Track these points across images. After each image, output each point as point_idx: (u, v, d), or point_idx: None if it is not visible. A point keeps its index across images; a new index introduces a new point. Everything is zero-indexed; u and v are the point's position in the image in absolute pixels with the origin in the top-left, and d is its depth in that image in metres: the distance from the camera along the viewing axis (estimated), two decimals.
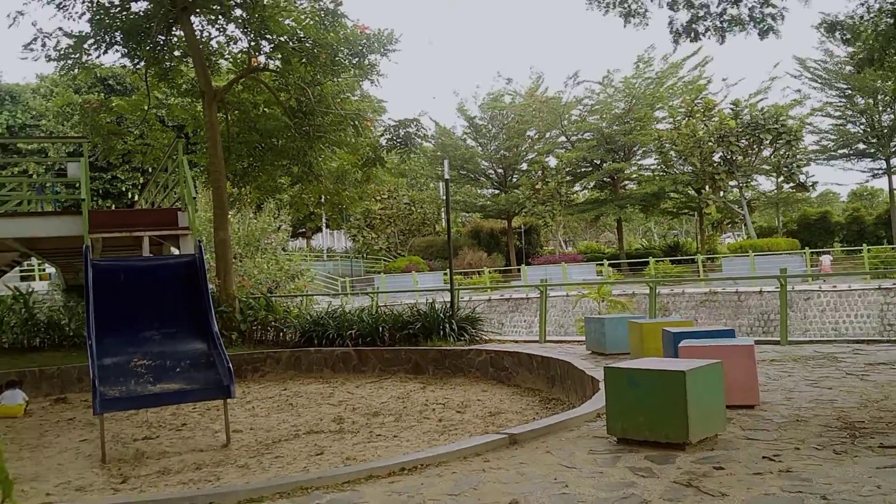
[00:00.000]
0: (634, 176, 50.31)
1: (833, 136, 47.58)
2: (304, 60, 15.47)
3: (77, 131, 19.16)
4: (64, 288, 20.30)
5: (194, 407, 10.03)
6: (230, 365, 8.09)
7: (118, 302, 8.72)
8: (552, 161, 50.19)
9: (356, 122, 17.33)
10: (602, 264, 38.90)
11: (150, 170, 23.33)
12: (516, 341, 13.77)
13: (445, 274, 32.13)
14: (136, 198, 35.11)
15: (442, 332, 13.11)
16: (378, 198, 48.91)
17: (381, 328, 13.41)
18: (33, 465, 7.30)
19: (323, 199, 20.70)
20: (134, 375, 8.10)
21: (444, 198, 14.93)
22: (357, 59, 16.08)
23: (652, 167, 50.03)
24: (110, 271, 9.05)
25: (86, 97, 22.49)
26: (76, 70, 16.48)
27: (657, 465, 5.02)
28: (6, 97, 40.37)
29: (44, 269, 30.31)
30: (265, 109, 17.80)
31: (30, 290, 17.93)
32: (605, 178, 49.34)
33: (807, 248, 35.71)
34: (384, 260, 50.73)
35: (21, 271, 29.40)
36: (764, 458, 5.05)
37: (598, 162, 49.04)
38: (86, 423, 9.62)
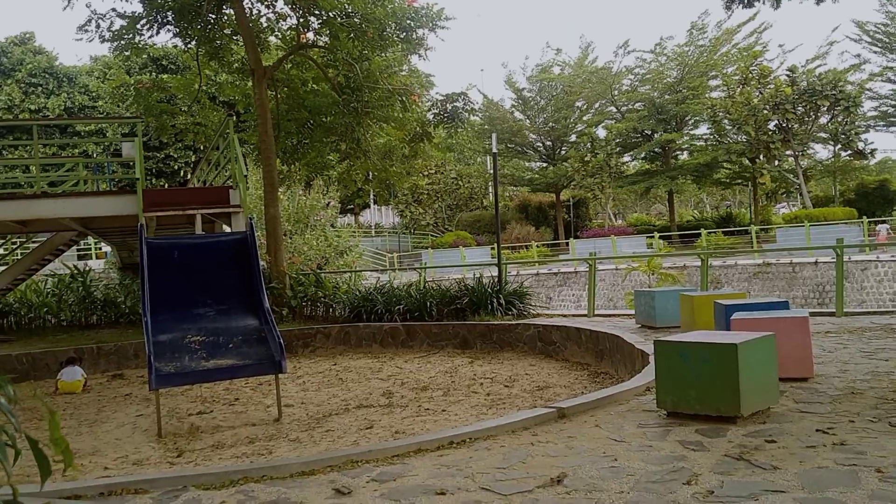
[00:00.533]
0: (686, 146, 49.46)
1: (893, 102, 46.04)
2: (352, 36, 15.49)
3: (131, 112, 19.50)
4: (119, 266, 20.81)
5: (247, 382, 10.22)
6: (281, 340, 8.22)
7: (172, 279, 8.90)
8: (601, 132, 49.55)
9: (403, 98, 17.33)
10: (652, 237, 38.43)
11: (202, 148, 23.70)
12: (564, 315, 13.72)
13: (493, 248, 32.06)
14: (189, 176, 35.73)
15: (489, 307, 13.12)
16: (425, 173, 48.94)
17: (428, 303, 13.47)
18: (92, 439, 7.53)
19: (370, 176, 20.80)
20: (188, 351, 8.28)
21: (492, 172, 14.86)
22: (405, 34, 16.04)
23: (704, 137, 49.05)
24: (164, 249, 9.23)
25: (139, 78, 22.84)
26: (129, 51, 16.78)
27: (708, 438, 4.97)
28: (63, 79, 41.24)
29: (100, 248, 31.08)
30: (314, 86, 17.91)
31: (87, 268, 18.45)
32: (655, 149, 48.61)
33: (864, 217, 34.74)
34: (431, 235, 50.86)
35: (78, 250, 30.20)
36: (817, 431, 4.96)
37: (649, 132, 48.30)
38: (142, 398, 9.88)
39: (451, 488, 4.23)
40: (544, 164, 52.55)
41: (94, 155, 34.79)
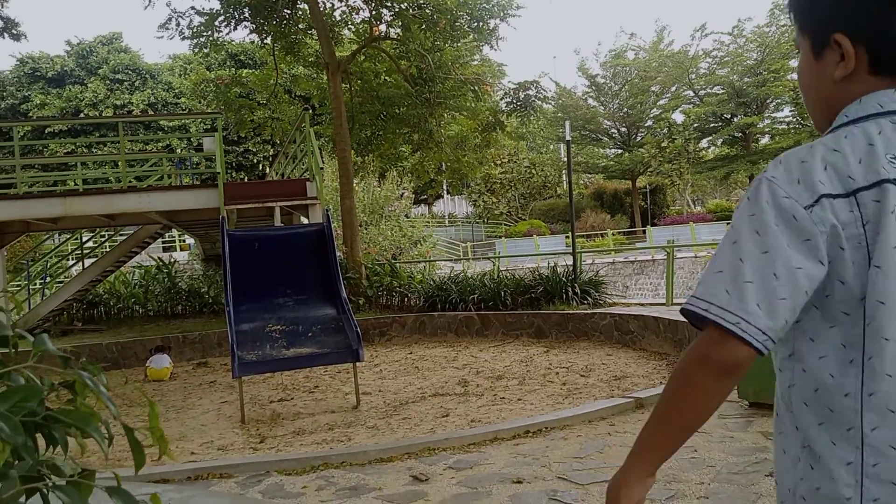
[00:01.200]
0: (768, 130, 47.94)
1: None
2: (424, 27, 15.55)
3: (211, 107, 20.05)
4: (202, 257, 21.43)
5: (325, 370, 10.42)
6: (359, 329, 8.35)
7: (253, 270, 9.14)
8: (678, 117, 48.44)
9: (475, 87, 17.32)
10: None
11: (279, 142, 24.19)
12: (642, 304, 13.52)
13: (567, 237, 31.77)
14: (267, 169, 36.51)
15: (564, 296, 13.03)
16: (498, 162, 48.74)
17: (503, 292, 13.45)
18: (179, 425, 7.80)
19: (443, 166, 20.86)
20: (269, 340, 8.50)
21: (565, 159, 14.74)
22: (476, 24, 16.02)
23: (787, 120, 47.46)
24: (245, 241, 9.47)
25: (218, 73, 23.44)
26: (208, 47, 17.23)
27: None
28: (146, 76, 42.61)
29: (184, 240, 32.04)
30: (386, 78, 18.05)
31: (171, 260, 19.06)
32: (735, 133, 47.25)
33: None
34: (505, 224, 50.68)
35: (163, 242, 31.20)
36: None
37: (729, 116, 46.99)
38: (226, 385, 10.18)
39: (528, 477, 4.24)
40: (619, 151, 51.69)
41: (178, 150, 35.89)
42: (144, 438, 1.18)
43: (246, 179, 37.74)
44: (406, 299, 14.87)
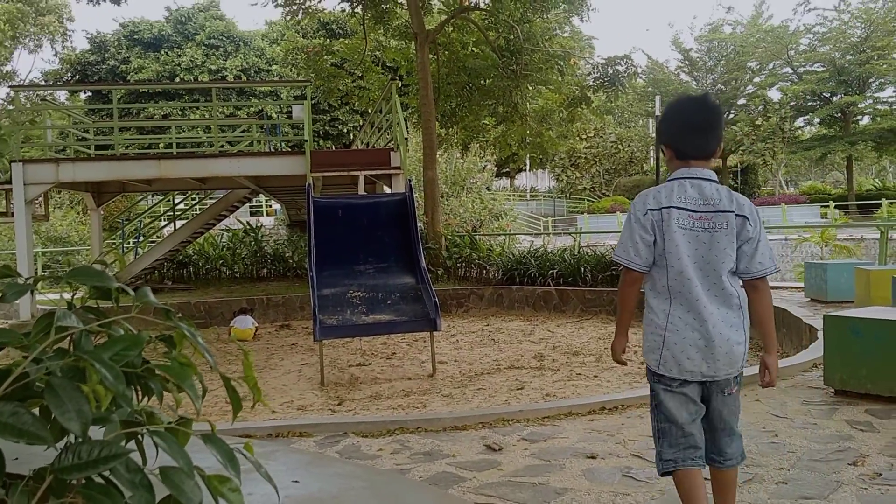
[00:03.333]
0: (869, 110, 45.75)
1: None
2: None
3: (301, 75, 20.37)
4: (288, 223, 21.95)
5: (403, 338, 10.57)
6: (436, 299, 8.43)
7: (336, 237, 9.31)
8: (775, 95, 46.67)
9: (562, 62, 17.09)
10: (827, 206, 36.07)
11: (366, 111, 24.43)
12: None
13: None
14: (354, 138, 36.94)
15: None
16: (583, 136, 48.05)
17: (582, 268, 13.34)
18: (261, 384, 8.01)
19: (527, 140, 20.72)
20: (349, 306, 8.67)
21: (654, 135, 14.41)
22: None
23: (890, 100, 45.19)
24: (329, 208, 9.65)
25: (310, 42, 23.78)
26: (300, 15, 17.47)
27: (878, 419, 4.68)
28: (240, 42, 43.54)
29: (270, 205, 32.81)
30: (473, 49, 17.99)
31: (258, 224, 19.56)
32: (834, 113, 45.27)
33: None
34: (588, 200, 50.08)
35: (250, 207, 32.01)
36: None
37: (828, 95, 45.03)
38: (307, 348, 10.44)
39: (602, 453, 4.24)
40: None
41: (268, 116, 36.63)
42: (239, 388, 1.24)
43: (332, 148, 38.30)
44: (484, 272, 14.90)
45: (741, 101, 48.48)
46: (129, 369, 1.13)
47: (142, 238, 19.98)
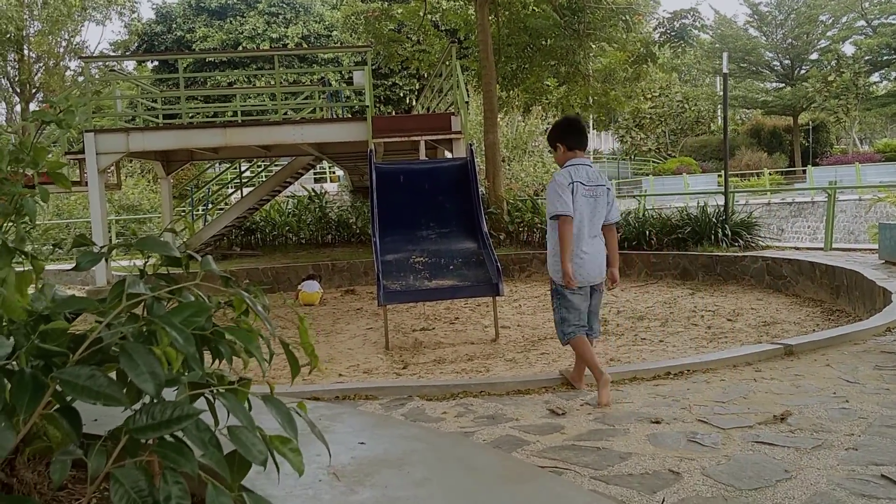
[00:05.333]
0: None
1: None
2: None
3: (361, 40, 20.39)
4: (351, 189, 22.13)
5: (466, 302, 10.62)
6: (499, 264, 8.43)
7: (398, 203, 9.36)
8: (848, 49, 44.83)
9: (627, 17, 16.69)
10: None
11: (425, 75, 24.35)
12: (797, 248, 12.86)
13: (720, 176, 30.41)
14: (414, 103, 36.89)
15: (713, 237, 12.58)
16: (648, 96, 46.99)
17: (647, 231, 13.15)
18: (328, 348, 8.21)
19: (590, 100, 20.37)
20: (412, 271, 8.74)
21: (722, 94, 14.02)
22: None
23: None
24: (391, 174, 9.69)
25: (369, 6, 23.76)
26: None
27: None
28: (300, 9, 43.70)
29: (334, 172, 33.10)
30: (534, 8, 17.69)
31: (322, 191, 19.78)
32: None
33: None
34: (653, 161, 49.12)
35: (314, 174, 32.34)
36: None
37: None
38: (371, 313, 10.57)
39: (667, 418, 4.20)
40: (781, 85, 48.61)
41: (329, 83, 36.83)
42: (297, 353, 1.26)
43: (393, 113, 38.34)
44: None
45: (813, 57, 46.75)
46: (199, 332, 1.17)
47: (210, 205, 20.43)
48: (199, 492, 1.22)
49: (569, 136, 5.03)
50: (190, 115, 17.43)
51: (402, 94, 40.42)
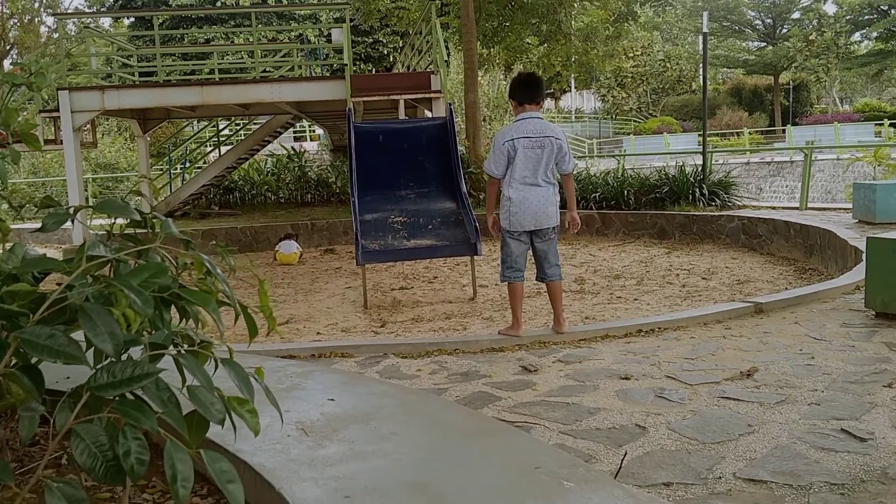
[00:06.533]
0: None
1: None
2: None
3: None
4: (331, 148, 22.00)
5: (444, 262, 10.67)
6: (477, 224, 8.46)
7: (377, 162, 9.33)
8: (830, 8, 44.79)
9: None
10: (882, 124, 34.88)
11: (407, 32, 24.08)
12: (773, 208, 12.99)
13: (700, 135, 30.51)
14: (395, 61, 36.50)
15: (691, 197, 12.67)
16: (630, 55, 46.77)
17: (626, 191, 13.21)
18: (306, 307, 8.25)
19: (571, 59, 20.27)
20: (391, 231, 8.75)
21: (702, 53, 14.00)
22: None
23: None
24: (370, 133, 9.63)
25: None
26: None
27: None
28: None
29: (314, 131, 32.84)
30: None
31: (302, 149, 19.64)
32: (892, 27, 43.33)
33: None
34: (634, 121, 49.08)
35: (294, 132, 32.07)
36: None
37: (885, 8, 43.01)
38: (350, 272, 10.60)
39: (636, 374, 4.29)
40: (762, 44, 48.55)
41: (308, 41, 36.31)
42: (259, 315, 1.29)
43: (374, 71, 37.93)
44: None
45: (795, 16, 46.66)
46: (160, 294, 1.20)
47: (188, 164, 20.26)
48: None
49: (518, 92, 5.33)
50: (166, 72, 17.19)
51: (385, 52, 39.95)
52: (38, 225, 1.56)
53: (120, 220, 1.52)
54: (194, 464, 1.13)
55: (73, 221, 1.46)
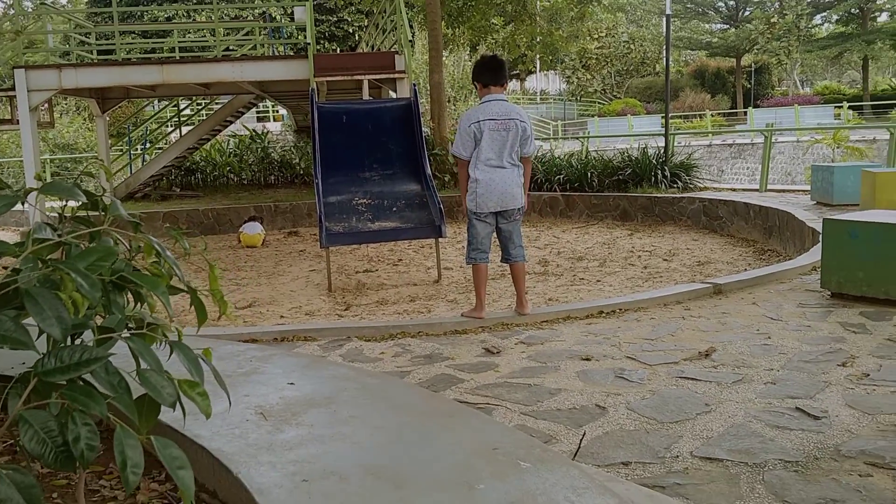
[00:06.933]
0: (888, 7, 44.38)
1: None
2: None
3: None
4: (295, 129, 21.77)
5: (409, 244, 10.66)
6: (441, 206, 8.46)
7: (341, 143, 9.26)
8: None
9: None
10: (841, 107, 35.45)
11: (372, 11, 23.87)
12: (734, 189, 13.16)
13: (663, 117, 30.75)
14: (360, 40, 36.16)
15: (653, 179, 12.79)
16: (595, 36, 46.89)
17: (589, 174, 13.29)
18: (270, 290, 8.19)
19: (536, 39, 20.27)
20: (355, 213, 8.71)
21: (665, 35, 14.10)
22: None
23: None
24: (333, 114, 9.55)
25: None
26: None
27: (872, 321, 4.77)
28: None
29: (277, 111, 32.48)
30: None
31: (265, 130, 19.41)
32: (852, 10, 43.97)
33: None
34: (599, 103, 49.29)
35: (257, 112, 31.69)
36: None
37: None
38: (314, 255, 10.55)
39: (597, 355, 4.34)
40: (725, 27, 48.96)
41: (272, 18, 35.78)
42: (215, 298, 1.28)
43: (338, 50, 37.56)
44: None
45: None
46: (108, 278, 1.18)
47: (149, 145, 19.93)
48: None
49: (483, 74, 5.40)
50: (126, 50, 16.85)
51: (350, 31, 39.53)
52: None
53: (72, 203, 1.50)
54: (153, 449, 1.12)
55: (23, 204, 1.43)
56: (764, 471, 2.79)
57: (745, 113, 39.13)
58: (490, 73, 5.37)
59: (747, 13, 47.03)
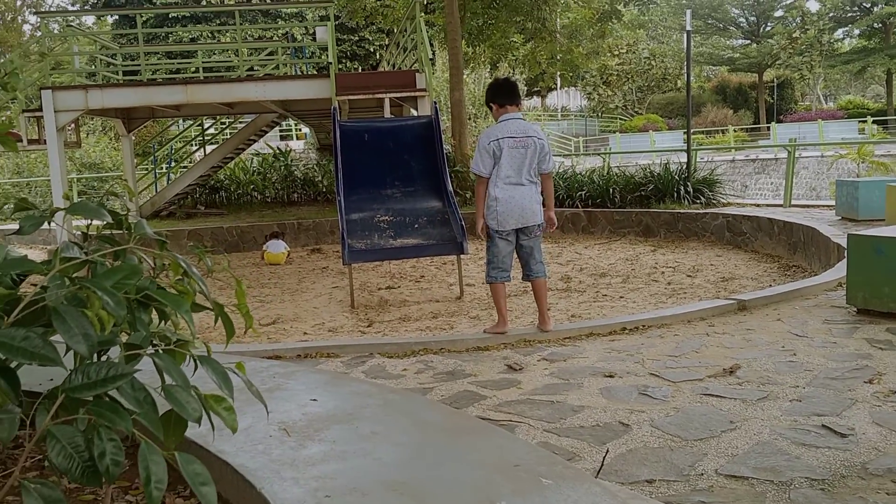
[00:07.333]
0: None
1: None
2: None
3: None
4: (318, 147, 21.92)
5: (431, 261, 10.67)
6: (463, 223, 8.47)
7: (363, 161, 9.31)
8: (813, 5, 45.04)
9: None
10: (865, 121, 35.13)
11: (392, 30, 24.06)
12: (758, 205, 13.06)
13: (685, 133, 30.62)
14: (381, 59, 36.43)
15: (676, 195, 12.72)
16: (615, 53, 46.89)
17: (611, 189, 13.25)
18: (293, 307, 8.23)
19: (556, 57, 20.31)
20: (377, 230, 8.74)
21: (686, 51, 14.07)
22: None
23: None
24: (355, 132, 9.62)
25: None
26: None
27: None
28: None
29: (300, 129, 32.73)
30: None
31: (288, 148, 19.57)
32: (875, 24, 43.63)
33: None
34: (620, 119, 49.19)
35: (280, 131, 31.95)
36: None
37: (868, 5, 43.32)
38: (337, 271, 10.59)
39: (620, 372, 4.32)
40: (746, 42, 48.76)
41: (294, 38, 36.19)
42: (242, 314, 1.29)
43: (360, 69, 37.84)
44: None
45: (778, 13, 46.93)
46: (133, 296, 1.20)
47: (173, 163, 20.16)
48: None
49: (499, 96, 5.53)
50: (151, 71, 17.09)
51: (371, 50, 39.86)
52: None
53: (97, 222, 1.52)
54: (177, 465, 1.13)
55: (49, 223, 1.46)
56: (790, 489, 2.76)
57: (768, 128, 38.89)
58: (505, 94, 5.51)
59: (769, 28, 46.85)
